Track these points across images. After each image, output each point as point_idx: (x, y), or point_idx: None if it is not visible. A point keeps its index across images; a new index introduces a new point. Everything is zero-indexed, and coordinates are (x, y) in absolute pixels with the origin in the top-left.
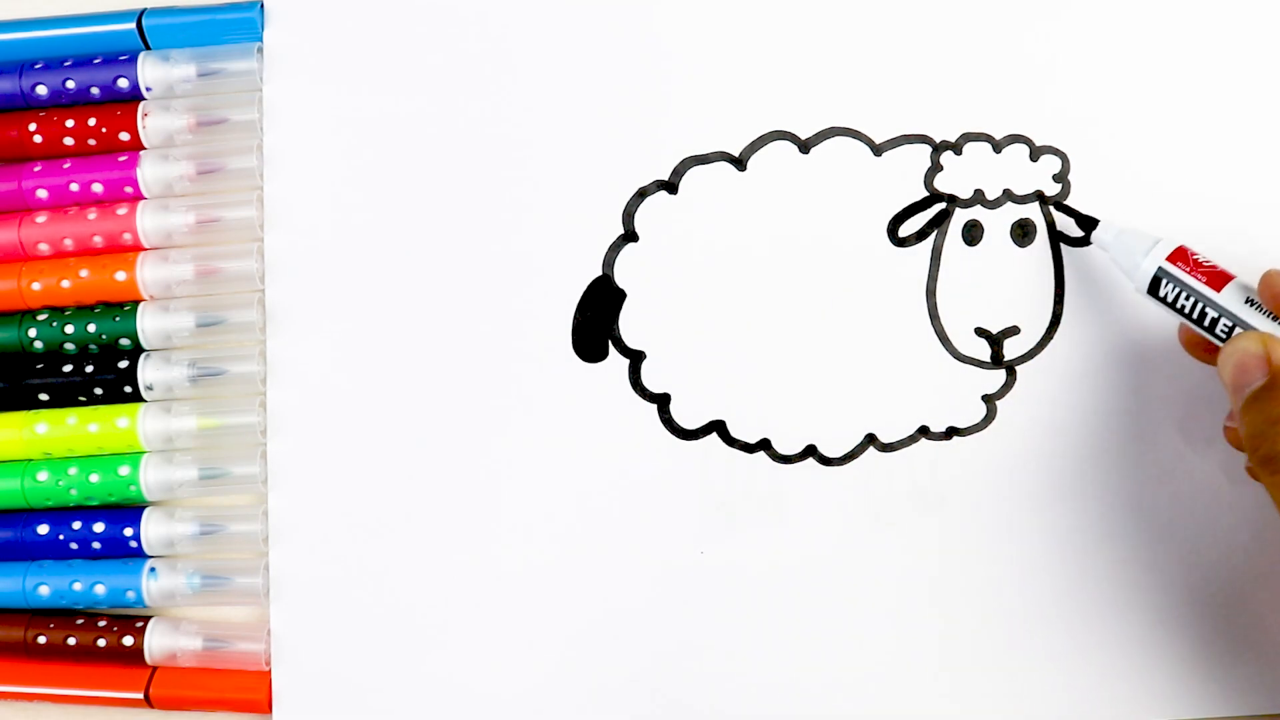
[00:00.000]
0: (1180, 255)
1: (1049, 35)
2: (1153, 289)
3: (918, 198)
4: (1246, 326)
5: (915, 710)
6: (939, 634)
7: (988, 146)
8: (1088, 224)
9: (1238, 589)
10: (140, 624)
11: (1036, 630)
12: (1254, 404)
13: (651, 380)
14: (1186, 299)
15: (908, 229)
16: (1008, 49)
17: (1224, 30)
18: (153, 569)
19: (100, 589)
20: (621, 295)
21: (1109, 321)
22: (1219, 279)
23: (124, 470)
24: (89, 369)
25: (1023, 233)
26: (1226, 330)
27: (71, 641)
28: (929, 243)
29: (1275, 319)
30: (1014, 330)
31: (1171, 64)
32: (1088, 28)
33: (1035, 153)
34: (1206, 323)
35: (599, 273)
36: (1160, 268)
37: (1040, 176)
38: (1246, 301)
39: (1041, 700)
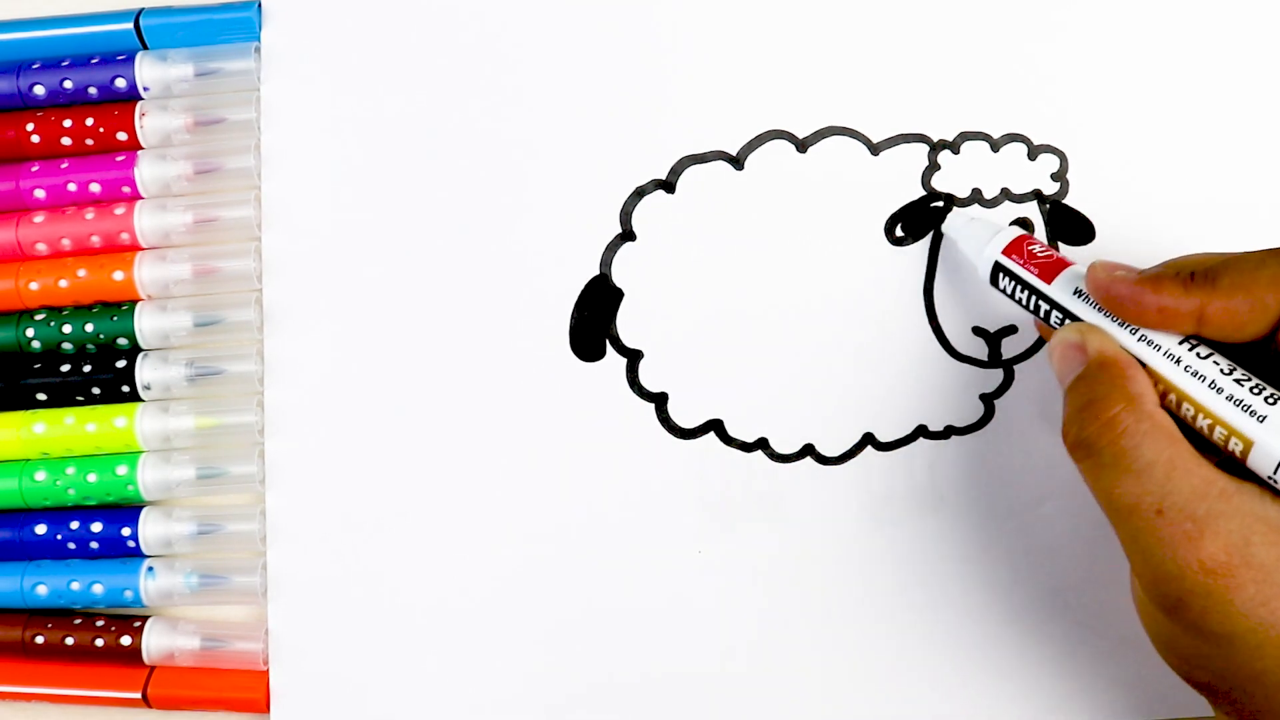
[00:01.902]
0: (1015, 247)
1: (1047, 34)
2: (994, 281)
3: (915, 197)
4: (1076, 319)
5: (914, 709)
6: (938, 633)
7: (985, 146)
8: (939, 215)
9: None
10: (138, 624)
11: (1036, 629)
12: (1071, 391)
13: (649, 379)
14: (1021, 291)
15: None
16: (1006, 48)
17: (1223, 30)
18: (150, 568)
19: (98, 588)
20: (619, 294)
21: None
22: (1052, 270)
23: (122, 470)
24: (87, 369)
25: None
26: (1059, 321)
27: (69, 641)
28: (926, 242)
29: (1101, 310)
30: (1012, 329)
31: (1170, 63)
32: (1086, 27)
33: (1033, 152)
34: (1042, 314)
35: (596, 272)
36: (996, 261)
37: (1038, 176)
38: (1075, 293)
39: (1041, 699)
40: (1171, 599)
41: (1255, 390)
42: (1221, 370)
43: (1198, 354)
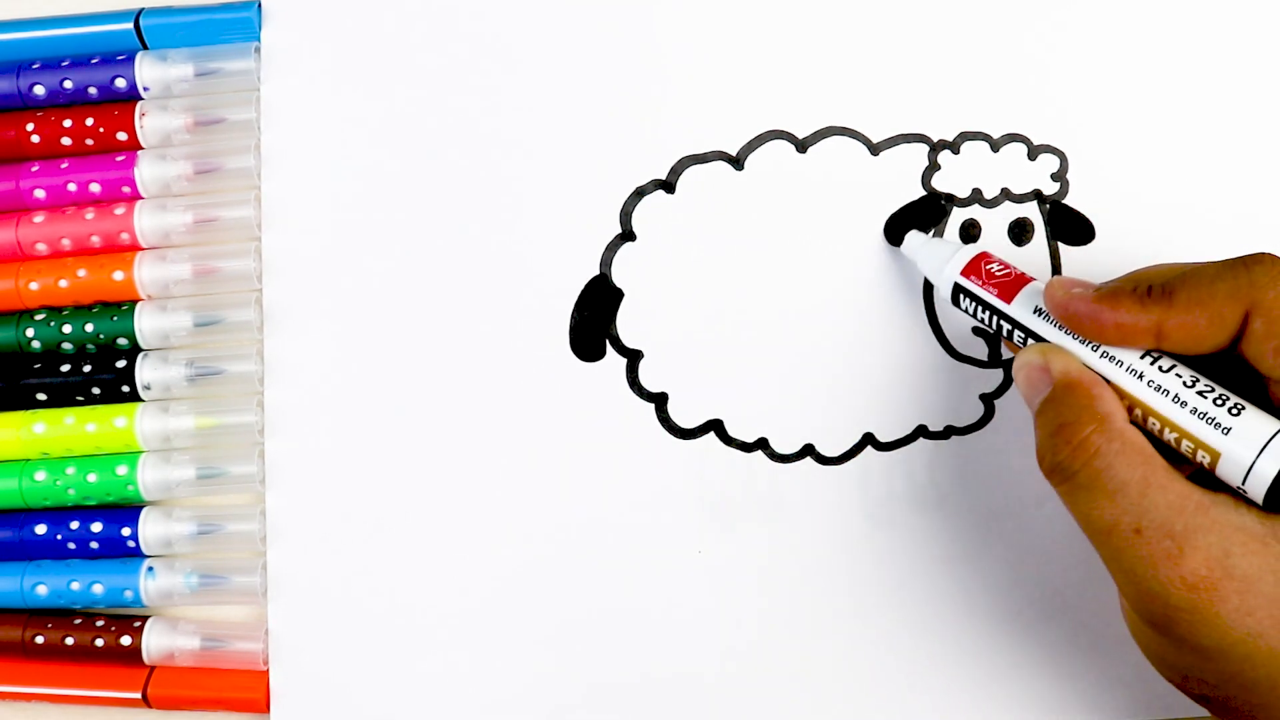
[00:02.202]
0: (973, 267)
1: (1047, 34)
2: (955, 302)
3: (915, 197)
4: (1038, 337)
5: (914, 709)
6: (938, 633)
7: (985, 145)
8: (897, 237)
9: None
10: (138, 624)
11: (1036, 629)
12: (1040, 415)
13: (649, 379)
14: (983, 311)
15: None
16: (1006, 48)
17: (1223, 29)
18: (150, 568)
19: (98, 588)
20: (619, 294)
21: None
22: (1011, 289)
23: (122, 470)
24: (87, 369)
25: (1020, 232)
26: (1023, 340)
27: (69, 641)
28: None
29: (1061, 328)
30: None
31: (1170, 63)
32: (1086, 26)
33: (1033, 152)
34: (1005, 333)
35: (596, 272)
36: (956, 282)
37: (1038, 175)
38: (1035, 311)
39: (1041, 699)
40: (1159, 616)
41: (1219, 401)
42: (1184, 383)
43: (1160, 367)
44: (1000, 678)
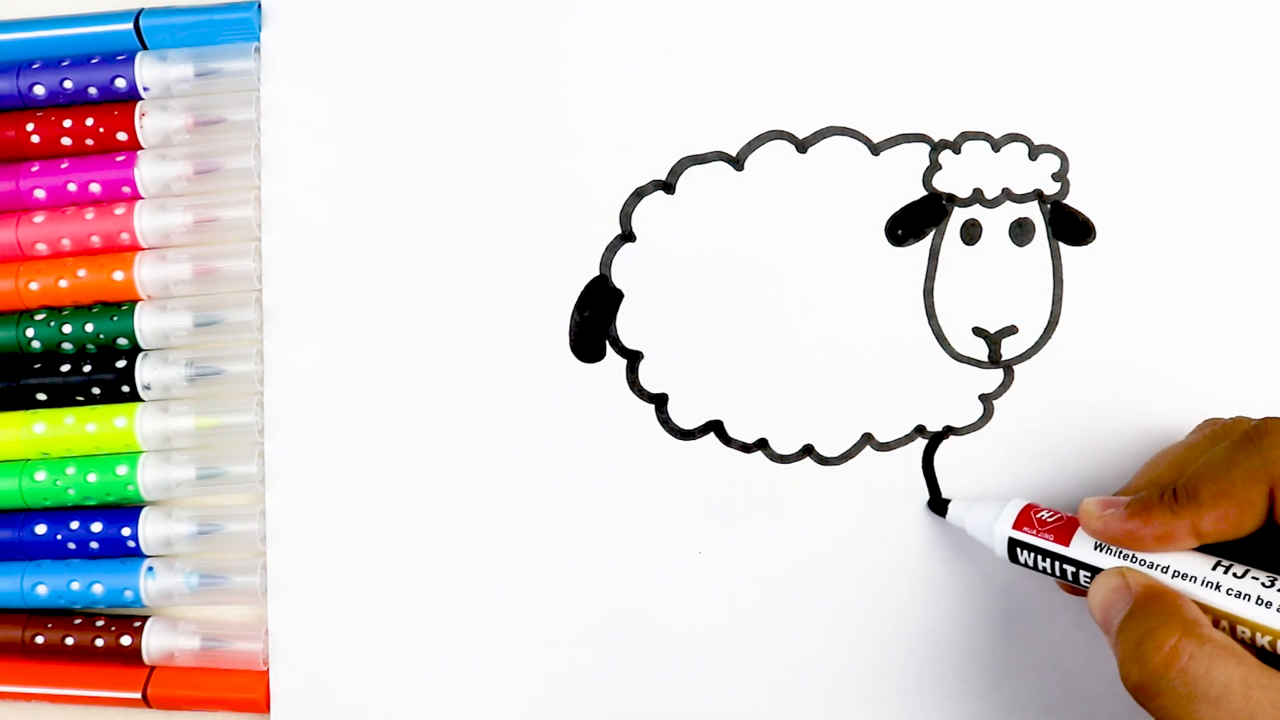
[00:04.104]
0: (1025, 519)
1: (1048, 34)
2: (1013, 558)
3: (916, 197)
4: (1101, 569)
5: (914, 708)
6: (938, 632)
7: (986, 145)
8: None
9: None
10: (138, 624)
11: (1036, 628)
12: (1122, 631)
13: (649, 380)
14: (1043, 560)
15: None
16: (1007, 47)
17: (1223, 29)
18: (150, 568)
19: (98, 588)
20: (619, 295)
21: (1107, 321)
22: (1065, 532)
23: (122, 470)
24: (87, 369)
25: (1021, 232)
26: (1088, 579)
27: (69, 641)
28: (927, 242)
29: (1124, 553)
30: (1012, 330)
31: (1170, 63)
32: (1087, 26)
33: (1034, 151)
34: (1069, 576)
35: (596, 273)
36: (1011, 537)
37: (1039, 175)
38: (1096, 547)
39: (1041, 699)
40: None
41: None
42: (1263, 584)
43: (1234, 574)
44: (1000, 677)
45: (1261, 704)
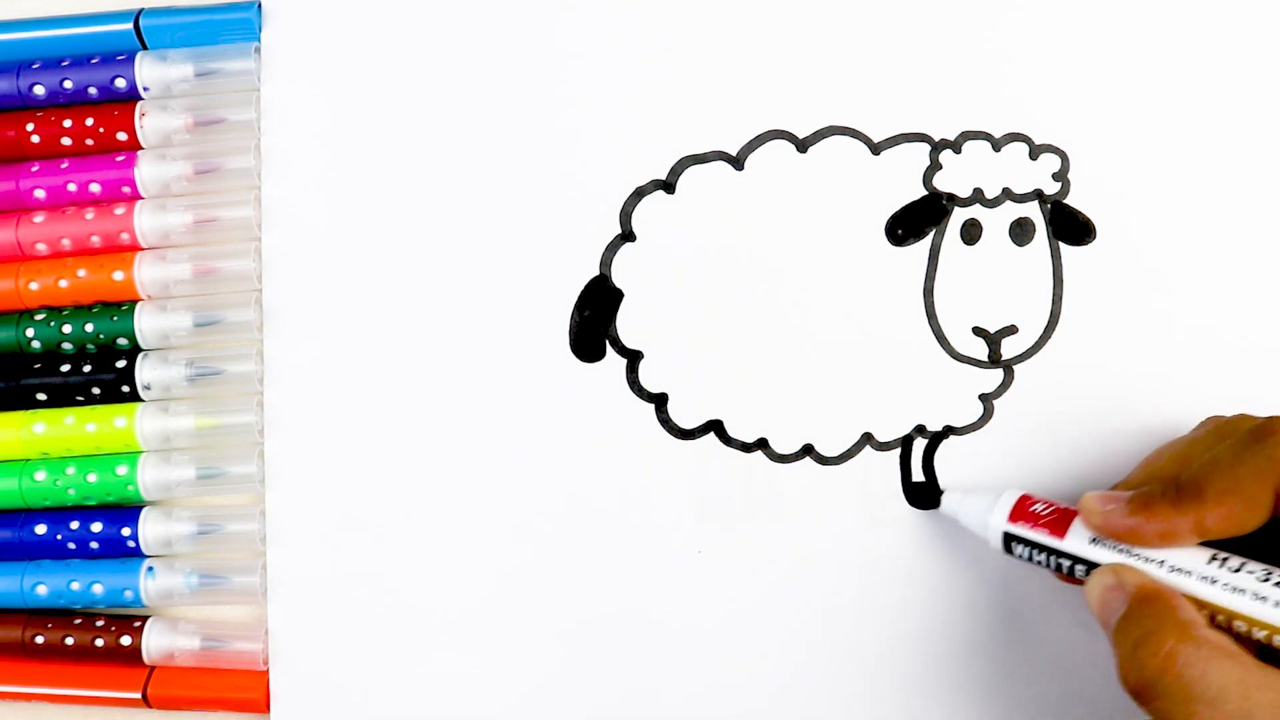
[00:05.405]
0: (1020, 511)
1: (1048, 34)
2: (1008, 550)
3: (916, 196)
4: (1096, 564)
5: (913, 708)
6: (937, 633)
7: (987, 145)
8: (932, 494)
9: None
10: (138, 624)
11: (1036, 628)
12: (1118, 633)
13: (649, 380)
14: (1038, 554)
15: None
16: (1007, 47)
17: (1224, 28)
18: (150, 568)
19: (98, 588)
20: (619, 295)
21: (1107, 321)
22: (1060, 524)
23: (122, 470)
24: (87, 369)
25: (1021, 232)
26: (1084, 573)
27: (69, 641)
28: (927, 242)
29: (1119, 549)
30: (1012, 329)
31: (1171, 63)
32: (1087, 26)
33: (1035, 151)
34: (1065, 569)
35: (596, 272)
36: (1005, 531)
37: (1040, 175)
38: (1092, 541)
39: (1042, 699)
40: None
41: None
42: (1259, 578)
43: (1230, 568)
44: (1000, 677)
45: (1259, 704)
